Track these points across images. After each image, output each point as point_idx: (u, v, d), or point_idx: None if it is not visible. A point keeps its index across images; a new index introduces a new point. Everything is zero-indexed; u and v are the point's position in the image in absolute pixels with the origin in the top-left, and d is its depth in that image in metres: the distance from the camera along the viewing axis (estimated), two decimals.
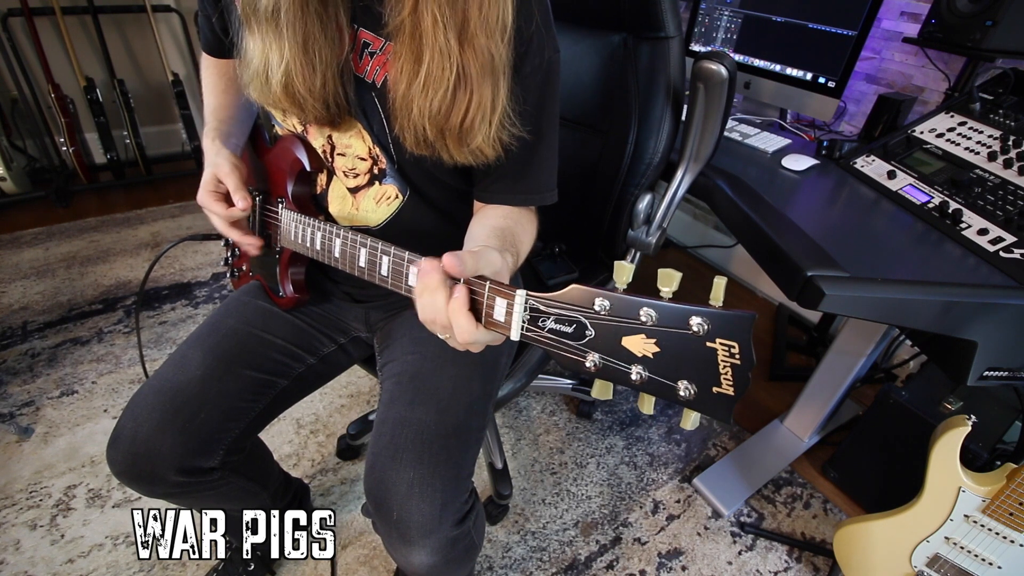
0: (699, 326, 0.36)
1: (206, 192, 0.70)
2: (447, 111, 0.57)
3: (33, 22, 2.14)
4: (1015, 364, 0.77)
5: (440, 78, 0.55)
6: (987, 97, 1.05)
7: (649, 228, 1.00)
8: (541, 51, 0.61)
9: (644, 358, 0.39)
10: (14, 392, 1.44)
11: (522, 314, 0.44)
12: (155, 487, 0.71)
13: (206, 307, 1.80)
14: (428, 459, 0.66)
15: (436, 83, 0.56)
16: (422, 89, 0.56)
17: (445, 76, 0.55)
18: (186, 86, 2.46)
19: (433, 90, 0.56)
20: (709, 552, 1.18)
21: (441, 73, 0.55)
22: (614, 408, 1.52)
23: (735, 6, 1.42)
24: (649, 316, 0.38)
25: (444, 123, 0.58)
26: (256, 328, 0.78)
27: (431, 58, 0.55)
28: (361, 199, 0.72)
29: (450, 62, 0.55)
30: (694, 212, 2.21)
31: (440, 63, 0.55)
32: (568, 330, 0.42)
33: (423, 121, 0.58)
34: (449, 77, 0.55)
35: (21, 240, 2.06)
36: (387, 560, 1.12)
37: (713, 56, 0.84)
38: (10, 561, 1.09)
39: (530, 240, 0.68)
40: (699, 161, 0.93)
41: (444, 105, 0.56)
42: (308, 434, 1.38)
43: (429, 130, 0.58)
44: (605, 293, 0.40)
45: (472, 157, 0.61)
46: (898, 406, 1.13)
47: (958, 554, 0.89)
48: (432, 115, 0.57)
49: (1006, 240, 0.81)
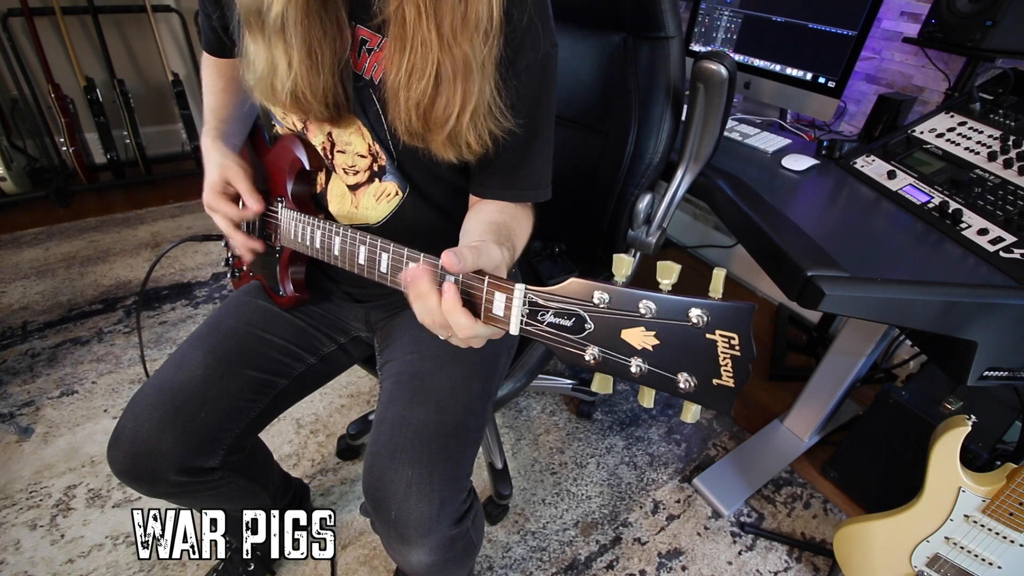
0: (698, 318, 0.36)
1: (215, 193, 0.70)
2: (431, 102, 0.57)
3: (33, 22, 2.14)
4: (1015, 364, 0.77)
5: (422, 69, 0.56)
6: (987, 97, 1.05)
7: (649, 228, 1.00)
8: (536, 46, 0.61)
9: (644, 351, 0.39)
10: (14, 392, 1.44)
11: (521, 308, 0.43)
12: (155, 487, 0.71)
13: (206, 307, 1.80)
14: (426, 458, 0.66)
15: (418, 74, 0.56)
16: (407, 79, 0.57)
17: (427, 69, 0.56)
18: (186, 86, 2.46)
19: (416, 80, 0.56)
20: (709, 552, 1.18)
21: (424, 65, 0.56)
22: (614, 408, 1.52)
23: (735, 6, 1.42)
24: (648, 309, 0.38)
25: (429, 114, 0.58)
26: (256, 328, 0.78)
27: (414, 49, 0.55)
28: (361, 196, 0.72)
29: (431, 55, 0.55)
30: (694, 212, 2.21)
31: (423, 55, 0.55)
32: (567, 323, 0.41)
33: (409, 111, 0.58)
34: (430, 70, 0.56)
35: (21, 240, 2.06)
36: (387, 560, 1.12)
37: (713, 56, 0.84)
38: (10, 561, 1.09)
39: (525, 235, 0.68)
40: (699, 161, 0.93)
41: (427, 96, 0.57)
42: (308, 434, 1.38)
43: (415, 121, 0.59)
44: (604, 286, 0.40)
45: (461, 151, 0.61)
46: (898, 406, 1.13)
47: (958, 554, 0.89)
48: (416, 105, 0.58)
49: (1006, 240, 0.81)
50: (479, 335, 0.46)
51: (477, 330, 0.46)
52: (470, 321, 0.45)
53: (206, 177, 0.71)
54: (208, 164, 0.71)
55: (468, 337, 0.46)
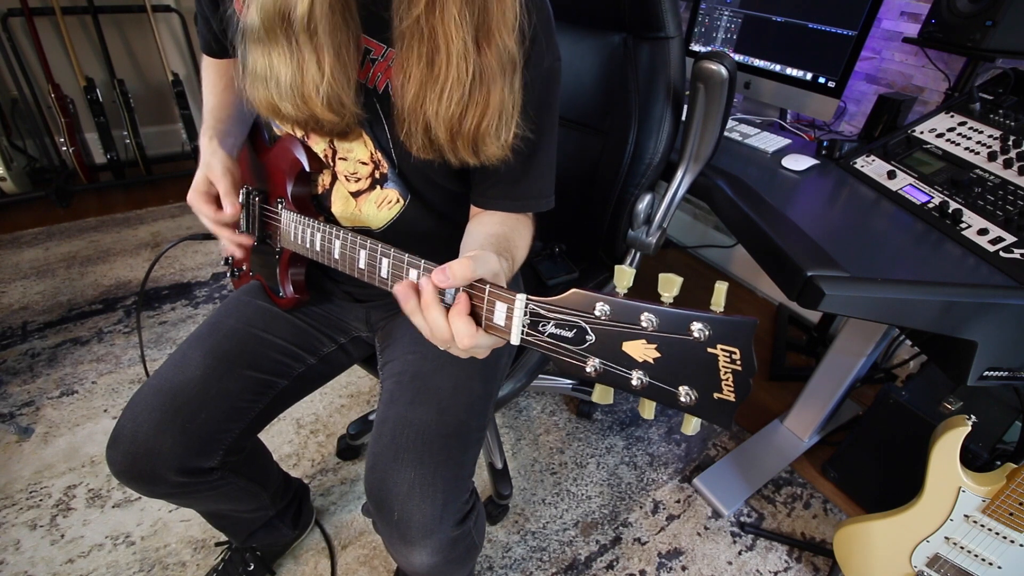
0: (700, 332, 0.36)
1: (197, 193, 0.70)
2: (461, 115, 0.56)
3: (33, 22, 2.14)
4: (1015, 364, 0.77)
5: (457, 81, 0.54)
6: (987, 97, 1.05)
7: (649, 228, 1.00)
8: (541, 59, 0.61)
9: (645, 363, 0.39)
10: (14, 392, 1.44)
11: (522, 318, 0.43)
12: (155, 487, 0.71)
13: (206, 307, 1.80)
14: (429, 459, 0.66)
15: (453, 86, 0.54)
16: (437, 93, 0.55)
17: (462, 79, 0.54)
18: (186, 86, 2.46)
19: (449, 94, 0.55)
20: (709, 552, 1.18)
21: (458, 76, 0.54)
22: (614, 408, 1.52)
23: (735, 6, 1.42)
24: (650, 321, 0.38)
25: (458, 127, 0.57)
26: (256, 328, 0.78)
27: (446, 60, 0.53)
28: (363, 203, 0.72)
29: (467, 63, 0.53)
30: (694, 212, 2.21)
31: (458, 65, 0.53)
32: (568, 335, 0.41)
33: (437, 126, 0.57)
34: (466, 80, 0.54)
35: (21, 240, 2.06)
36: (387, 560, 1.12)
37: (713, 56, 0.84)
38: (10, 561, 1.09)
39: (526, 247, 0.68)
40: (699, 161, 0.93)
41: (459, 109, 0.55)
42: (308, 434, 1.38)
43: (441, 135, 0.58)
44: (606, 298, 0.39)
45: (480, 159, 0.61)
46: (898, 406, 1.13)
47: (958, 554, 0.89)
48: (446, 119, 0.56)
49: (1006, 240, 0.81)
50: (480, 344, 0.46)
51: (479, 340, 0.46)
52: (472, 329, 0.45)
53: (195, 176, 0.71)
54: (200, 163, 0.71)
55: (470, 347, 0.46)
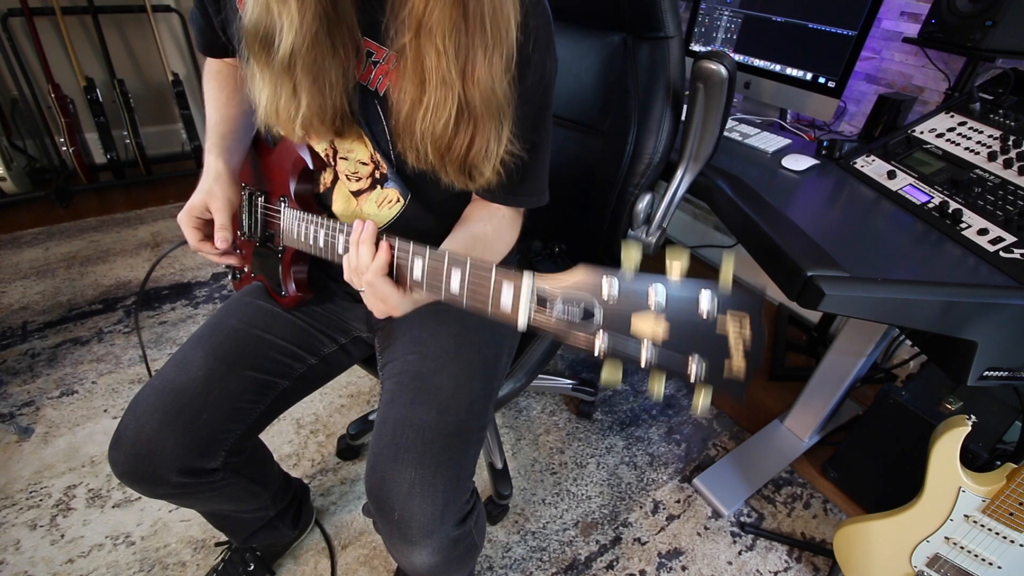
0: (709, 300, 0.36)
1: (189, 216, 0.70)
2: (449, 139, 0.57)
3: (33, 22, 2.14)
4: (1015, 364, 0.77)
5: (441, 107, 0.55)
6: (987, 97, 1.05)
7: (649, 228, 1.00)
8: (540, 68, 0.61)
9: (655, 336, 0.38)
10: (14, 392, 1.44)
11: (529, 298, 0.42)
12: (157, 488, 0.71)
13: (206, 307, 1.80)
14: (429, 459, 0.66)
15: (437, 111, 0.55)
16: (423, 115, 0.56)
17: (447, 106, 0.55)
18: (186, 86, 2.46)
19: (434, 118, 0.56)
20: (709, 552, 1.18)
21: (443, 103, 0.55)
22: (614, 408, 1.52)
23: (735, 6, 1.42)
24: (658, 293, 0.37)
25: (446, 151, 0.58)
26: (257, 328, 0.78)
27: (433, 86, 0.54)
28: (363, 202, 0.73)
29: (451, 93, 0.54)
30: (694, 212, 2.21)
31: (442, 93, 0.54)
32: (576, 312, 0.41)
33: (425, 144, 0.58)
34: (451, 108, 0.55)
35: (21, 240, 2.06)
36: (387, 560, 1.12)
37: (713, 56, 0.84)
38: (10, 561, 1.09)
39: (507, 245, 0.71)
40: (699, 161, 0.93)
41: (446, 134, 0.56)
42: (308, 434, 1.38)
43: (431, 153, 0.59)
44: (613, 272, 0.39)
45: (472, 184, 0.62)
46: (898, 406, 1.13)
47: (958, 554, 0.89)
48: (434, 140, 0.57)
49: (1006, 240, 0.81)
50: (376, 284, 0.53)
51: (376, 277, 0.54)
52: (368, 260, 0.52)
53: (193, 194, 0.71)
54: (201, 182, 0.71)
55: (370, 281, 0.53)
